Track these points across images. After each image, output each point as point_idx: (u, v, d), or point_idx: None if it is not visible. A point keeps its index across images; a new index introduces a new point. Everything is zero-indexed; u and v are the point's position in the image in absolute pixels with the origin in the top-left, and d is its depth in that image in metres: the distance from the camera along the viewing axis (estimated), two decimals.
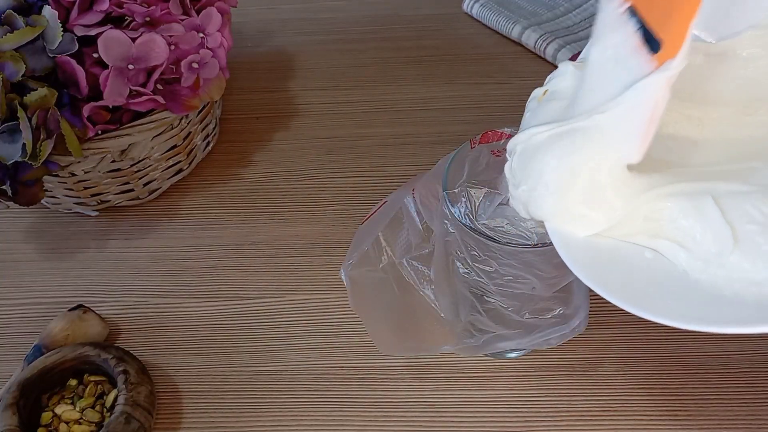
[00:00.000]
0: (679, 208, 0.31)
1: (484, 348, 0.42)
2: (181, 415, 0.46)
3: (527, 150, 0.34)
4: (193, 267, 0.54)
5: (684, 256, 0.31)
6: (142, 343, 0.49)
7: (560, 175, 0.33)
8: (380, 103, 0.66)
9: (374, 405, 0.45)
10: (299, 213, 0.57)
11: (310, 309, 0.51)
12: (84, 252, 0.56)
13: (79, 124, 0.49)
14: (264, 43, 0.73)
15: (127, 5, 0.49)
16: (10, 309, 0.52)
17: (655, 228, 0.32)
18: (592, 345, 0.47)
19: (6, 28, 0.47)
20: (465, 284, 0.41)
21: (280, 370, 0.48)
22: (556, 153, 0.33)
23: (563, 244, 0.33)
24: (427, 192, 0.43)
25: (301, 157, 0.62)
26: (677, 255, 0.31)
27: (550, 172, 0.33)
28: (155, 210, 0.59)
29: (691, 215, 0.31)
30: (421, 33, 0.73)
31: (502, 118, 0.63)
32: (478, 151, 0.42)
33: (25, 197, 0.48)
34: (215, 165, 0.62)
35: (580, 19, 0.70)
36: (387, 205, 0.45)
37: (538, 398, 0.45)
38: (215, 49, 0.53)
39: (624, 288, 0.30)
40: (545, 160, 0.33)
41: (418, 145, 0.62)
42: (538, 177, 0.33)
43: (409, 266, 0.43)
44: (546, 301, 0.40)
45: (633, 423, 0.43)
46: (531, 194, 0.34)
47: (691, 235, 0.31)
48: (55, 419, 0.43)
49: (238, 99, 0.67)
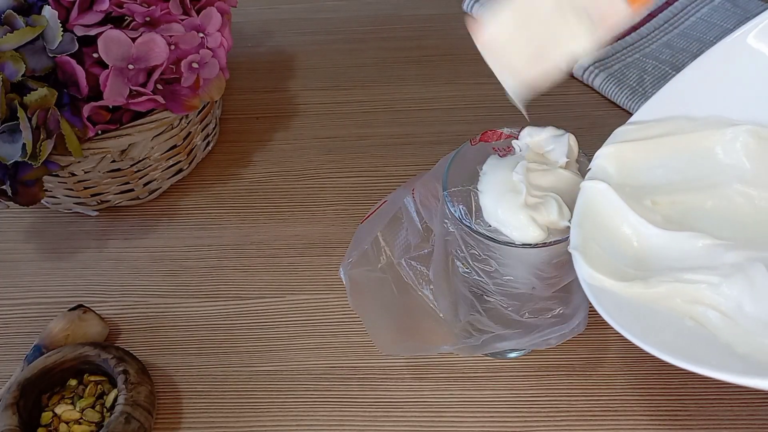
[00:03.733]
0: (724, 274, 0.30)
1: (484, 348, 0.42)
2: (181, 415, 0.46)
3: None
4: (193, 267, 0.54)
5: (727, 327, 0.29)
6: (142, 343, 0.49)
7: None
8: (380, 103, 0.66)
9: (374, 405, 0.45)
10: (299, 213, 0.57)
11: (310, 309, 0.51)
12: (84, 252, 0.56)
13: (79, 124, 0.49)
14: (264, 43, 0.73)
15: (127, 5, 0.49)
16: (10, 309, 0.52)
17: (694, 294, 0.30)
18: (592, 345, 0.47)
19: (6, 28, 0.47)
20: (465, 284, 0.41)
21: (280, 370, 0.47)
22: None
23: (596, 297, 0.32)
24: (427, 192, 0.43)
25: (301, 157, 0.62)
26: (719, 325, 0.29)
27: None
28: (155, 210, 0.59)
29: (738, 283, 0.29)
30: (422, 33, 0.73)
31: (502, 118, 0.63)
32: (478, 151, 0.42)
33: (25, 197, 0.48)
34: (215, 165, 0.62)
35: None
36: (387, 205, 0.45)
37: (538, 398, 0.45)
38: (215, 49, 0.53)
39: (669, 346, 0.28)
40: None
41: (418, 145, 0.62)
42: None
43: (408, 266, 0.43)
44: (546, 300, 0.40)
45: (633, 423, 0.43)
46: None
47: (737, 304, 0.29)
48: (55, 419, 0.43)
49: (238, 99, 0.67)
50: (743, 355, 0.28)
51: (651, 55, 0.66)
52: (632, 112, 0.61)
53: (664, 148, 0.37)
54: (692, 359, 0.27)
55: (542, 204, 0.37)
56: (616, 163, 0.37)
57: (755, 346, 0.28)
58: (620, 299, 0.32)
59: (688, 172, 0.37)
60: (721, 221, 0.34)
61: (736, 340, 0.28)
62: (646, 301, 0.31)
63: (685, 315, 0.30)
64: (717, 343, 0.29)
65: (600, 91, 0.64)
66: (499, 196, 0.38)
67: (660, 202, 0.36)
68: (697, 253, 0.32)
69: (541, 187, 0.38)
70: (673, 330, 0.30)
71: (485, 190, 0.39)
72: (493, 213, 0.38)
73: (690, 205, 0.35)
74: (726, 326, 0.29)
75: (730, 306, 0.29)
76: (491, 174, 0.40)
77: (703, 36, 0.66)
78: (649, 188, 0.36)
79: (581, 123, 0.62)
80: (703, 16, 0.69)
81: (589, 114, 0.62)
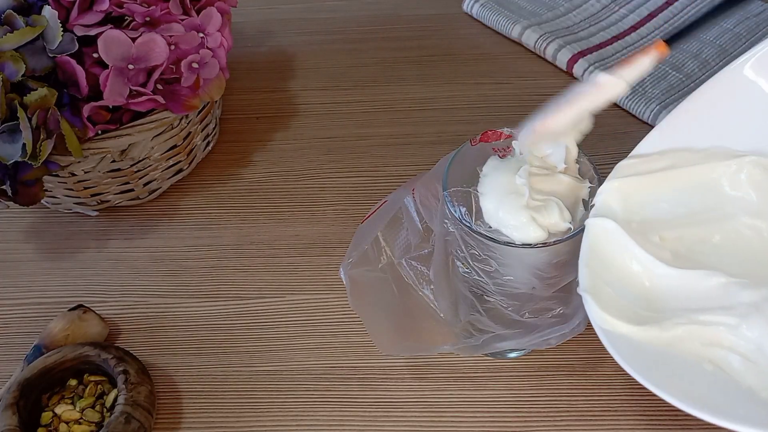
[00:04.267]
0: (741, 314, 0.29)
1: (484, 348, 0.42)
2: (181, 415, 0.46)
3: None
4: (193, 267, 0.54)
5: (748, 370, 0.28)
6: (142, 343, 0.49)
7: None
8: (380, 103, 0.66)
9: (374, 405, 0.45)
10: (299, 213, 0.57)
11: (310, 309, 0.51)
12: (84, 252, 0.56)
13: (79, 124, 0.49)
14: (264, 43, 0.73)
15: (127, 5, 0.49)
16: (10, 309, 0.52)
17: (710, 336, 0.29)
18: (592, 345, 0.47)
19: (6, 28, 0.47)
20: (465, 284, 0.41)
21: (280, 370, 0.47)
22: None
23: (611, 342, 0.31)
24: (427, 192, 0.43)
25: (301, 157, 0.62)
26: (740, 369, 0.28)
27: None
28: (155, 210, 0.58)
29: (758, 324, 0.28)
30: (421, 33, 0.73)
31: (502, 118, 0.63)
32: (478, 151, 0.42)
33: (25, 197, 0.48)
34: (215, 165, 0.62)
35: (580, 19, 0.70)
36: (387, 205, 0.45)
37: (538, 398, 0.45)
38: (215, 49, 0.53)
39: (690, 394, 0.27)
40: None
41: (418, 145, 0.62)
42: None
43: (409, 266, 0.43)
44: (546, 300, 0.40)
45: (633, 423, 0.43)
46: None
47: (758, 346, 0.28)
48: (55, 419, 0.43)
49: (238, 99, 0.67)
50: (767, 399, 0.27)
51: None
52: (632, 112, 0.61)
53: (668, 182, 0.37)
54: (715, 409, 0.26)
55: (543, 207, 0.38)
56: (621, 199, 0.36)
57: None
58: (635, 343, 0.31)
59: (694, 205, 0.36)
60: (730, 256, 0.34)
61: (758, 384, 0.28)
62: (663, 345, 0.31)
63: (703, 359, 0.30)
64: (739, 388, 0.28)
65: None
66: (500, 198, 0.38)
67: (667, 238, 0.35)
68: (712, 292, 0.31)
69: (543, 191, 0.38)
70: (693, 375, 0.29)
71: (486, 192, 0.39)
72: (494, 215, 0.38)
73: (697, 239, 0.35)
74: (747, 370, 0.28)
75: (750, 348, 0.28)
76: (492, 176, 0.40)
77: (702, 36, 0.66)
78: (655, 223, 0.36)
79: None
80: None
81: None
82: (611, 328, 0.32)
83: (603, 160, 0.58)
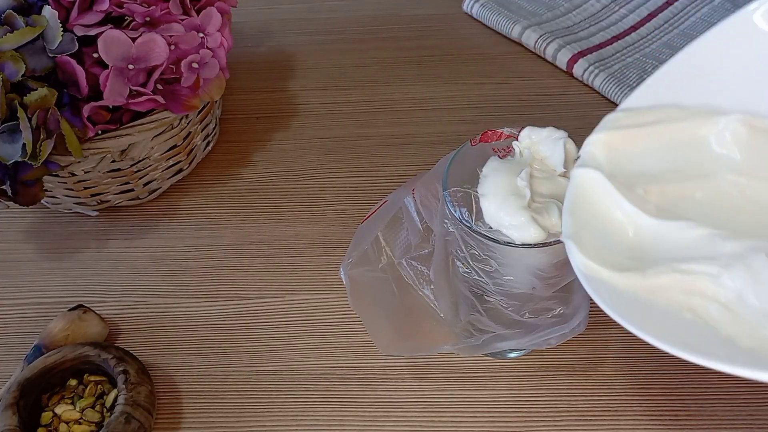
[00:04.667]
0: (724, 264, 0.29)
1: (484, 348, 0.42)
2: (181, 415, 0.46)
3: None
4: (193, 267, 0.54)
5: (728, 320, 0.28)
6: (142, 343, 0.49)
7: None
8: (380, 103, 0.66)
9: (374, 405, 0.45)
10: (299, 213, 0.57)
11: (310, 309, 0.51)
12: (84, 252, 0.56)
13: (79, 124, 0.49)
14: (264, 43, 0.73)
15: (127, 5, 0.49)
16: (10, 309, 0.52)
17: (691, 285, 0.29)
18: (592, 345, 0.47)
19: (6, 28, 0.47)
20: (465, 284, 0.41)
21: (280, 370, 0.48)
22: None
23: (592, 287, 0.31)
24: (427, 192, 0.43)
25: (301, 157, 0.62)
26: (719, 318, 0.28)
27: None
28: (155, 210, 0.59)
29: (740, 274, 0.28)
30: (421, 33, 0.73)
31: (502, 118, 0.63)
32: (478, 151, 0.42)
33: (25, 197, 0.48)
34: (215, 165, 0.62)
35: (580, 19, 0.70)
36: (387, 205, 0.45)
37: (538, 398, 0.45)
38: (215, 49, 0.53)
39: (669, 338, 0.27)
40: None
41: (418, 145, 0.62)
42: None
43: (409, 266, 0.43)
44: (546, 300, 0.40)
45: (633, 423, 0.43)
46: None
47: (739, 296, 0.28)
48: (55, 419, 0.43)
49: (238, 99, 0.67)
50: (747, 348, 0.27)
51: (651, 55, 0.66)
52: None
53: (654, 137, 0.36)
54: (697, 350, 0.26)
55: (544, 209, 0.38)
56: (606, 151, 0.36)
57: (759, 338, 0.27)
58: (617, 290, 0.31)
59: (679, 161, 0.36)
60: (712, 211, 0.34)
61: (739, 333, 0.28)
62: (644, 293, 0.31)
63: (683, 307, 0.30)
64: (719, 337, 0.28)
65: (600, 91, 0.64)
66: (500, 199, 0.38)
67: (652, 191, 0.35)
68: (695, 243, 0.31)
69: (543, 194, 0.39)
70: (672, 323, 0.29)
71: (486, 193, 0.39)
72: (494, 215, 0.38)
73: (680, 194, 0.35)
74: (727, 319, 0.28)
75: (730, 298, 0.28)
76: (492, 177, 0.40)
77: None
78: (639, 177, 0.35)
79: (581, 123, 0.61)
80: (703, 16, 0.69)
81: (589, 114, 0.62)
82: (593, 274, 0.32)
83: None
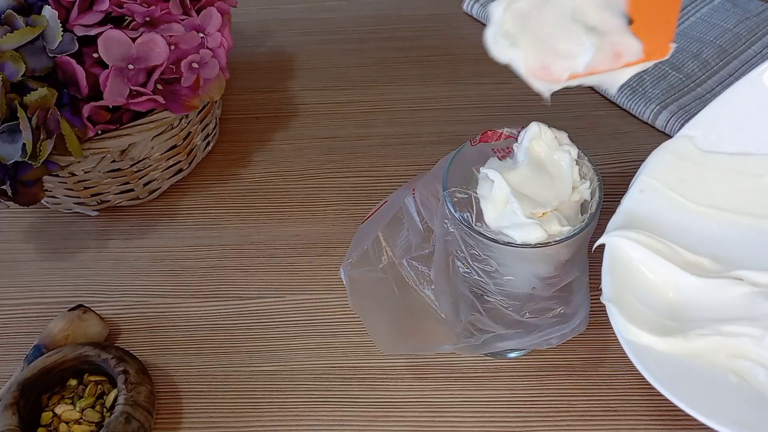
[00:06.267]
0: (765, 326, 0.28)
1: (484, 347, 0.42)
2: (181, 415, 0.46)
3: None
4: (193, 267, 0.54)
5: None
6: (142, 343, 0.49)
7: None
8: (380, 103, 0.66)
9: (374, 405, 0.45)
10: (299, 213, 0.57)
11: (310, 309, 0.51)
12: (84, 252, 0.56)
13: (79, 124, 0.49)
14: (264, 43, 0.73)
15: (127, 5, 0.49)
16: (10, 309, 0.52)
17: (736, 347, 0.29)
18: (592, 345, 0.47)
19: (6, 28, 0.47)
20: (465, 284, 0.41)
21: (280, 370, 0.47)
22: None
23: (638, 357, 0.31)
24: (427, 192, 0.43)
25: (301, 157, 0.62)
26: (765, 382, 0.28)
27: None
28: (155, 210, 0.58)
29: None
30: (421, 33, 0.73)
31: (502, 118, 0.63)
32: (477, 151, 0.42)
33: (25, 197, 0.48)
34: (215, 165, 0.62)
35: None
36: (387, 205, 0.45)
37: (538, 398, 0.45)
38: (215, 49, 0.53)
39: (716, 409, 0.27)
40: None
41: (418, 145, 0.62)
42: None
43: (409, 266, 0.43)
44: (546, 300, 0.40)
45: (633, 423, 0.43)
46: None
47: None
48: (55, 419, 0.43)
49: (238, 99, 0.67)
50: None
51: None
52: (632, 112, 0.61)
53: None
54: (741, 425, 0.26)
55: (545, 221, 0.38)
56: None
57: None
58: (660, 354, 0.30)
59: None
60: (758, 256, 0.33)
61: None
62: (688, 356, 0.30)
63: (729, 371, 0.29)
64: (765, 401, 0.28)
65: (600, 91, 0.64)
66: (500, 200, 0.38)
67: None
68: (736, 301, 0.31)
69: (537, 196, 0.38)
70: (718, 387, 0.29)
71: (485, 195, 0.39)
72: (494, 216, 0.38)
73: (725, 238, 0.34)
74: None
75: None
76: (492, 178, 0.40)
77: (703, 36, 0.66)
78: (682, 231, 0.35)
79: (581, 123, 0.62)
80: (703, 16, 0.69)
81: (589, 114, 0.62)
82: (635, 339, 0.31)
83: (603, 160, 0.58)
